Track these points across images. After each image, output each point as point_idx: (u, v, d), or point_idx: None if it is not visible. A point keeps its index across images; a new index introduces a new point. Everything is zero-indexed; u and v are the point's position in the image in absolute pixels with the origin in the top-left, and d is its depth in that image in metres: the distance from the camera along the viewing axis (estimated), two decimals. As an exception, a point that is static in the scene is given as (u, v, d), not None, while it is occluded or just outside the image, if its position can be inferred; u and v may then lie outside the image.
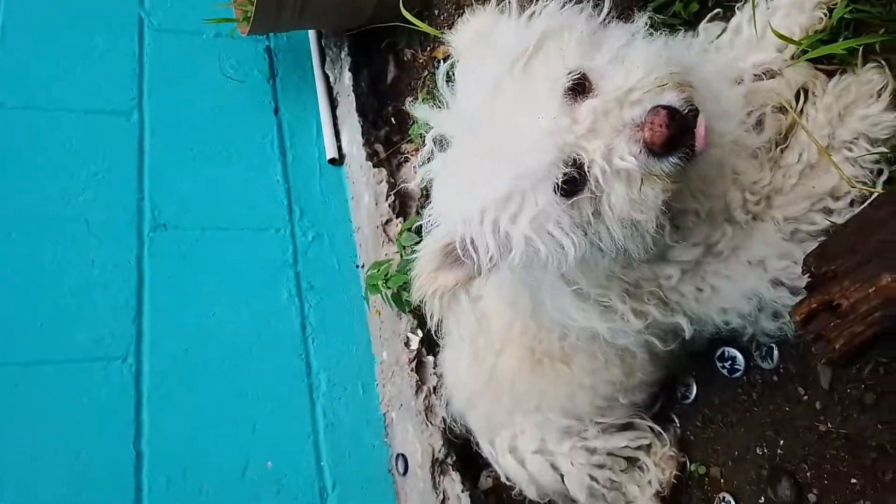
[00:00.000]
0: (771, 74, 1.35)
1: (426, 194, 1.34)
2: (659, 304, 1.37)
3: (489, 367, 1.73)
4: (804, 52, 1.31)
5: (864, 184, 1.20)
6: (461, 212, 1.19)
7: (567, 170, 1.08)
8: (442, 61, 2.82)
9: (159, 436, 2.31)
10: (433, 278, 1.28)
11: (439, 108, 1.27)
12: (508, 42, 1.18)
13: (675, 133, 1.02)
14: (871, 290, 0.85)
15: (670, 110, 1.02)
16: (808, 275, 0.95)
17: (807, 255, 0.96)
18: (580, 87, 1.10)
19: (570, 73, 1.10)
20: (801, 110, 1.30)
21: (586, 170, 1.08)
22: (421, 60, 3.00)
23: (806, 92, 1.32)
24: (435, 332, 1.47)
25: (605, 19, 1.22)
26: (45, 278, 2.47)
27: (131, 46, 3.10)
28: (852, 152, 1.21)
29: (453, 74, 2.88)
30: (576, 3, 1.24)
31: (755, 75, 1.37)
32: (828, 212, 1.25)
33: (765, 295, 1.31)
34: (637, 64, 1.08)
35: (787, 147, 1.30)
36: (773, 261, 1.30)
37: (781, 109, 1.31)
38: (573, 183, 1.09)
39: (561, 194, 1.10)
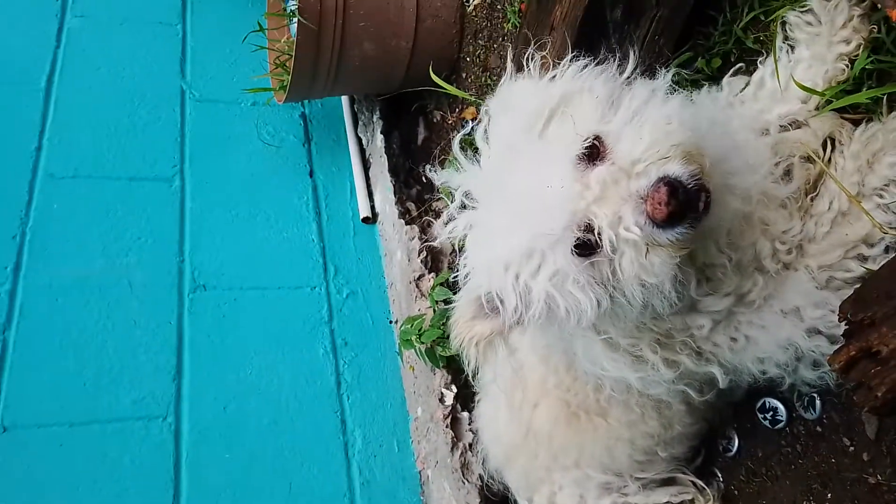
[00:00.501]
0: (797, 125, 1.38)
1: (456, 249, 1.38)
2: (691, 353, 1.37)
3: (526, 422, 1.72)
4: (828, 102, 1.33)
5: (896, 232, 1.21)
6: (486, 265, 1.24)
7: (580, 234, 1.12)
8: (471, 121, 2.90)
9: (198, 494, 2.33)
10: (470, 326, 1.33)
11: (460, 170, 1.33)
12: (528, 104, 1.22)
13: (676, 210, 1.04)
14: (909, 336, 0.85)
15: (672, 186, 1.04)
16: (845, 322, 0.95)
17: (843, 303, 0.96)
18: (594, 152, 1.13)
19: (583, 140, 1.13)
20: (829, 159, 1.32)
21: (597, 235, 1.12)
22: (450, 121, 3.09)
23: (833, 141, 1.34)
24: (472, 377, 1.49)
25: (628, 78, 1.26)
26: (90, 340, 2.55)
27: (173, 117, 3.26)
28: (883, 199, 1.22)
29: (473, 138, 2.97)
30: (598, 63, 1.29)
31: (781, 126, 1.40)
32: (862, 259, 1.25)
33: (801, 344, 1.30)
34: (647, 130, 1.11)
35: (817, 195, 1.31)
36: (809, 309, 1.29)
37: (809, 159, 1.32)
38: (589, 244, 1.13)
39: (577, 254, 1.14)
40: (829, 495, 1.43)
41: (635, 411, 1.54)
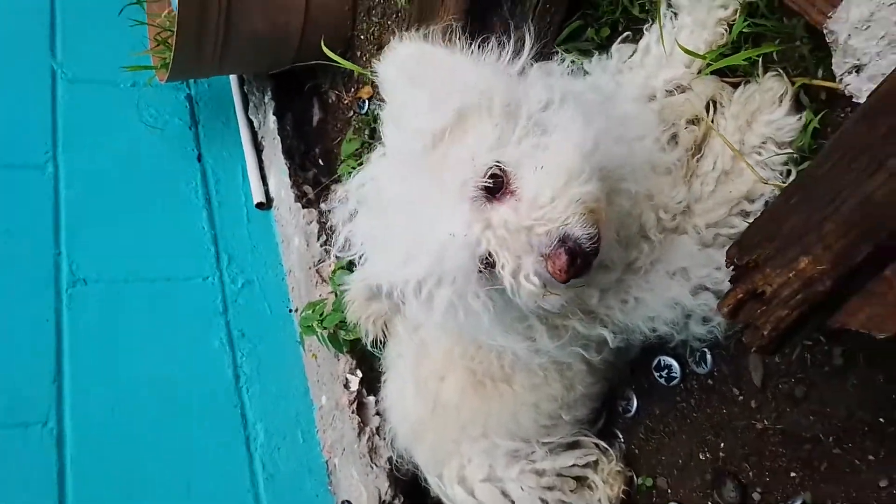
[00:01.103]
0: (682, 90, 1.42)
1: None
2: (581, 318, 1.39)
3: (433, 395, 1.70)
4: (710, 66, 1.38)
5: (776, 184, 1.26)
6: (386, 272, 1.21)
7: (481, 267, 1.13)
8: (367, 101, 2.85)
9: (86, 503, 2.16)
10: (365, 306, 1.31)
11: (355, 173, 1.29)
12: (421, 121, 1.15)
13: (574, 274, 1.07)
14: (791, 274, 0.88)
15: (572, 254, 1.06)
16: (731, 267, 0.98)
17: (728, 248, 0.99)
18: (495, 183, 1.10)
19: (482, 174, 1.10)
20: (712, 121, 1.36)
21: (498, 270, 1.12)
22: (346, 101, 3.02)
23: (715, 104, 1.39)
24: (373, 347, 1.46)
25: (522, 67, 1.23)
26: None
27: (44, 99, 3.00)
28: (762, 156, 1.27)
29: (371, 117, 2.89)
30: (500, 42, 1.25)
31: (667, 91, 1.44)
32: (745, 214, 1.30)
33: (687, 302, 1.35)
34: (550, 177, 1.08)
35: (701, 157, 1.36)
36: (695, 269, 1.34)
37: (694, 122, 1.37)
38: (489, 263, 1.13)
39: (479, 270, 1.14)
40: (722, 444, 1.49)
41: (538, 374, 1.55)
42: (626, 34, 1.56)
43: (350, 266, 2.65)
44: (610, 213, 1.15)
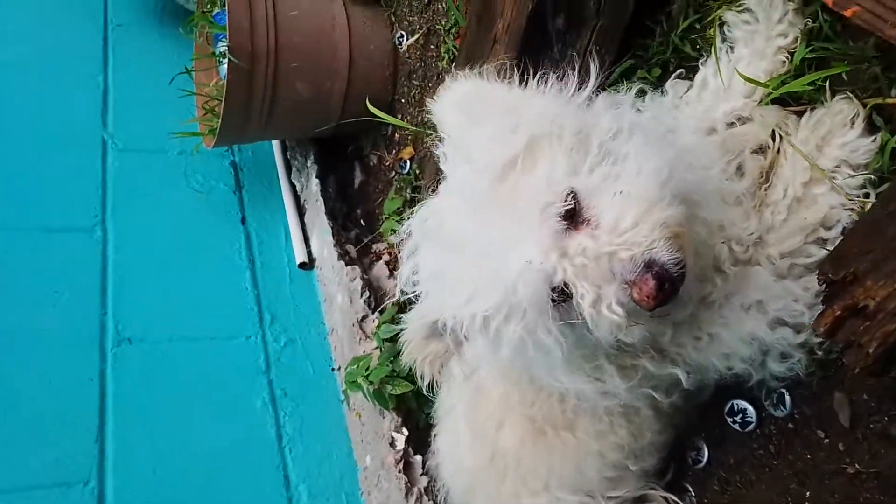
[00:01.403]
0: (742, 121, 1.40)
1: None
2: (653, 357, 1.33)
3: (491, 443, 1.62)
4: (772, 94, 1.36)
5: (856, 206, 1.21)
6: (451, 307, 1.17)
7: (556, 297, 1.09)
8: (408, 161, 2.88)
9: (125, 567, 2.09)
10: (423, 346, 1.27)
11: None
12: (492, 152, 1.13)
13: (663, 300, 1.02)
14: (896, 285, 0.83)
15: (660, 279, 1.02)
16: (824, 284, 0.93)
17: (821, 264, 0.95)
18: (570, 211, 1.07)
19: (561, 199, 1.07)
20: (778, 150, 1.33)
21: (575, 302, 1.08)
22: (388, 163, 3.06)
23: (779, 134, 1.36)
24: (430, 391, 1.40)
25: (588, 97, 1.21)
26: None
27: (94, 166, 3.10)
28: (836, 179, 1.23)
29: (411, 179, 2.90)
30: (560, 76, 1.24)
31: (727, 124, 1.42)
32: (822, 242, 1.25)
33: (765, 337, 1.28)
34: (630, 203, 1.05)
35: (769, 186, 1.32)
36: (771, 302, 1.28)
37: (759, 151, 1.34)
38: (564, 293, 1.09)
39: (552, 302, 1.09)
40: (808, 493, 1.38)
41: (603, 420, 1.48)
42: (679, 72, 1.56)
43: (401, 310, 2.62)
44: (690, 238, 1.11)
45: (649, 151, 1.10)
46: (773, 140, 1.34)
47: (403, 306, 2.77)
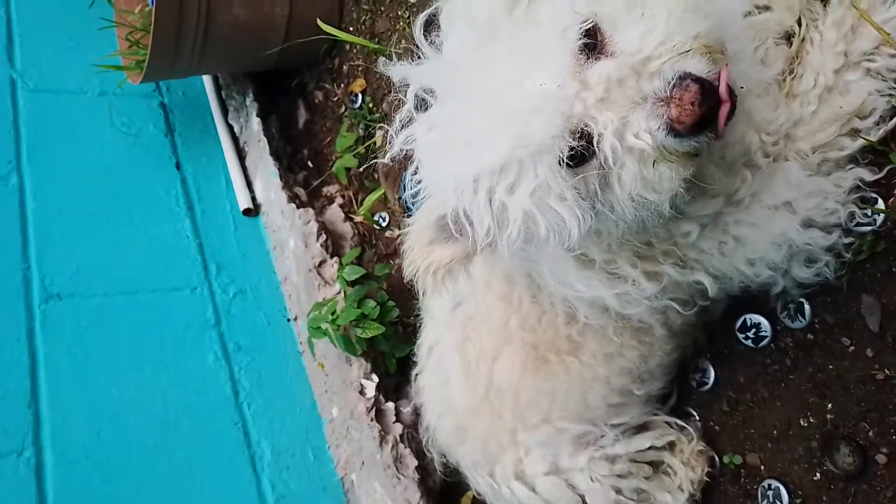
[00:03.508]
0: (761, 10, 1.28)
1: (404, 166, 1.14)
2: (675, 263, 1.23)
3: (485, 379, 1.50)
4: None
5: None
6: (453, 180, 1.04)
7: (573, 143, 0.96)
8: (360, 94, 2.68)
9: (73, 540, 1.88)
10: (427, 252, 1.12)
11: (418, 62, 1.11)
12: None
13: (707, 112, 0.90)
14: None
15: (703, 84, 0.89)
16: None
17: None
18: (591, 41, 0.96)
19: (582, 24, 0.95)
20: (803, 38, 1.23)
21: (595, 143, 0.96)
22: (335, 99, 2.85)
23: (806, 22, 1.25)
24: (419, 309, 1.25)
25: None
26: None
27: (4, 109, 2.75)
28: (874, 62, 1.14)
29: (362, 112, 2.70)
30: None
31: (745, 13, 1.30)
32: (855, 133, 1.17)
33: (795, 238, 1.20)
34: (657, 20, 0.94)
35: (795, 77, 1.22)
36: (802, 200, 1.19)
37: (785, 38, 1.23)
38: (580, 155, 0.97)
39: (566, 166, 0.97)
40: (830, 405, 1.32)
41: (613, 341, 1.37)
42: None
43: (363, 251, 2.45)
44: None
45: None
46: (799, 27, 1.24)
47: (364, 249, 2.62)
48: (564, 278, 1.21)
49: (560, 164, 0.96)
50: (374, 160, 2.43)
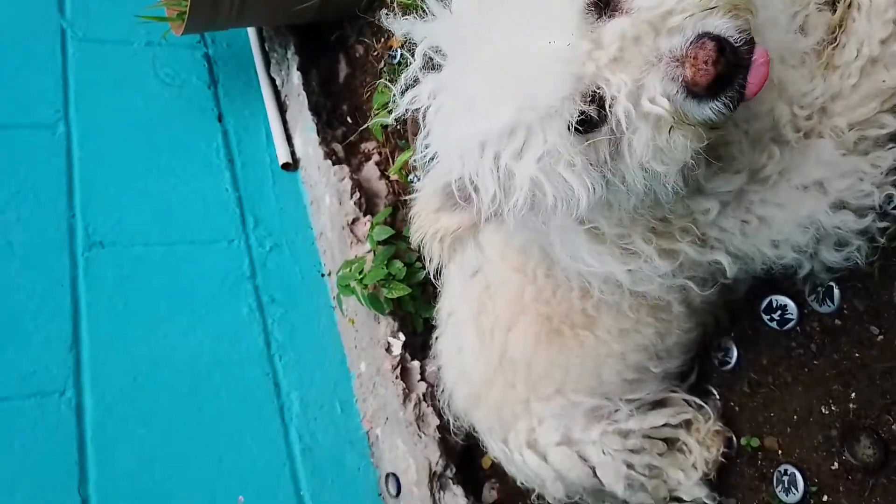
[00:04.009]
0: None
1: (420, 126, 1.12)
2: (694, 240, 1.18)
3: (499, 349, 1.49)
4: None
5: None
6: (459, 144, 1.00)
7: (584, 106, 0.91)
8: (399, 50, 2.63)
9: (109, 478, 1.98)
10: (434, 219, 1.10)
11: (426, 19, 1.07)
12: None
13: (723, 72, 0.84)
14: None
15: (720, 42, 0.83)
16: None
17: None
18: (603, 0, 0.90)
19: None
20: (850, 3, 1.14)
21: (607, 107, 0.90)
22: (376, 53, 2.80)
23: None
24: (434, 276, 1.24)
25: None
26: (-38, 309, 2.14)
27: (53, 57, 2.81)
28: (924, 35, 1.05)
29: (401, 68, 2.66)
30: None
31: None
32: (899, 110, 1.08)
33: (824, 221, 1.13)
34: None
35: (837, 46, 1.13)
36: (835, 181, 1.12)
37: (829, 4, 1.14)
38: (590, 120, 0.92)
39: (575, 131, 0.92)
40: (854, 394, 1.27)
41: (629, 317, 1.34)
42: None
43: (395, 211, 2.45)
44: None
45: None
46: (843, -6, 1.14)
47: (396, 208, 2.62)
48: (575, 252, 1.17)
49: (569, 129, 0.92)
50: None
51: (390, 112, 1.14)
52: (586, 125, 0.93)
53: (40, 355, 2.10)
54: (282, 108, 3.00)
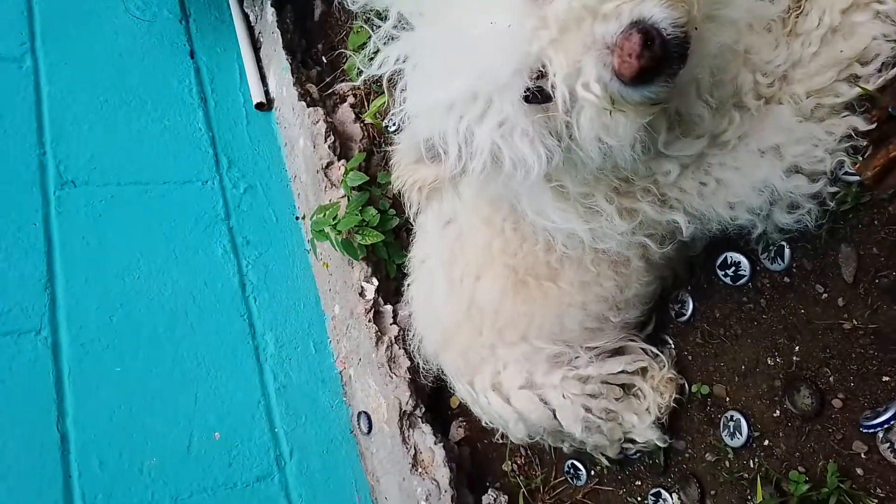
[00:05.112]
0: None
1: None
2: (654, 200, 1.23)
3: (468, 296, 1.54)
4: None
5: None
6: (429, 104, 1.05)
7: (530, 82, 0.95)
8: (376, -11, 2.58)
9: (86, 414, 2.03)
10: (412, 170, 1.17)
11: None
12: None
13: (648, 65, 0.86)
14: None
15: (647, 34, 0.85)
16: (877, 122, 0.80)
17: (880, 98, 0.81)
18: None
19: None
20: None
21: (549, 87, 0.94)
22: (352, -10, 2.74)
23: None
24: (413, 218, 1.30)
25: None
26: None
27: (16, -15, 2.71)
28: (885, 4, 1.08)
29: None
30: None
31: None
32: (854, 79, 1.11)
33: (778, 185, 1.18)
34: None
35: (802, 13, 1.15)
36: (790, 146, 1.16)
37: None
38: (541, 93, 0.96)
39: (529, 102, 0.97)
40: (798, 348, 1.35)
41: (590, 271, 1.39)
42: None
43: (369, 157, 2.46)
44: (708, 34, 0.95)
45: None
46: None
47: (371, 153, 2.62)
48: (540, 208, 1.22)
49: (522, 101, 0.97)
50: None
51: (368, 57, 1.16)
52: (542, 96, 0.97)
53: (14, 294, 2.12)
54: (255, 46, 2.94)
